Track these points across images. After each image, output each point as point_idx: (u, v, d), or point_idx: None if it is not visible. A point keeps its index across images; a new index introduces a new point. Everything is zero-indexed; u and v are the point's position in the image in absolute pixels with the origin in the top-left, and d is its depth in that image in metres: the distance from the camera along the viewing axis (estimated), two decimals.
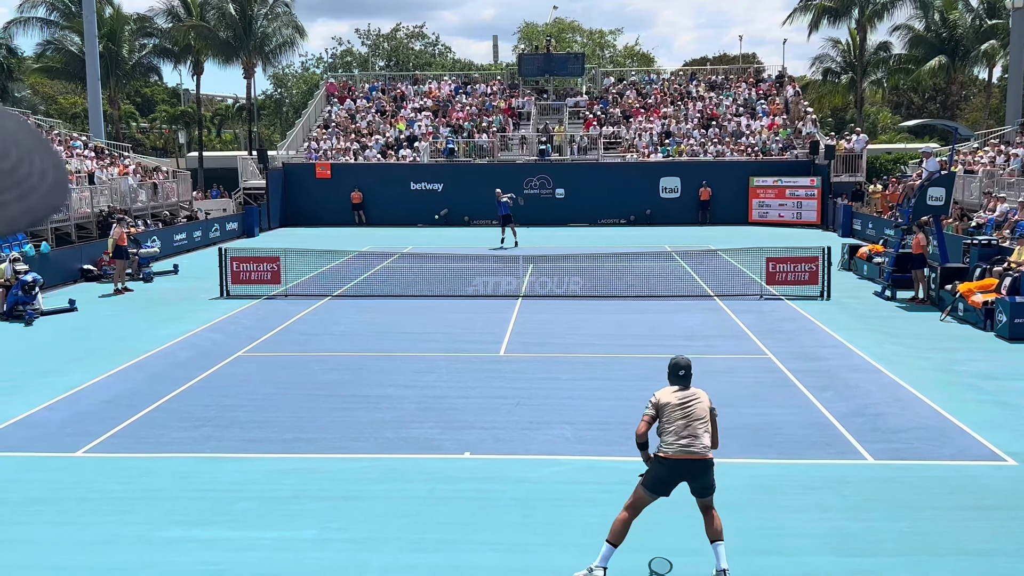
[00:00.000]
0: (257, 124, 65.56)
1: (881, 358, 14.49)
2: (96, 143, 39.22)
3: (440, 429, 11.01)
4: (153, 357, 15.09)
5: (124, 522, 8.31)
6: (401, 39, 76.67)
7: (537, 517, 8.36)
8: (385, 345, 15.91)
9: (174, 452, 10.25)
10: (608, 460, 9.82)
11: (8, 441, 10.72)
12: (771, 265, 21.08)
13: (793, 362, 14.26)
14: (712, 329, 17.10)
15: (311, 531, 8.11)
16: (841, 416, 11.33)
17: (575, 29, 76.86)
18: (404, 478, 9.37)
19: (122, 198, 32.33)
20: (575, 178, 41.20)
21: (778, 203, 39.55)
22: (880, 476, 9.36)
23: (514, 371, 13.97)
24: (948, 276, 18.91)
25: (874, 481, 9.22)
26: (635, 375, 13.63)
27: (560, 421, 11.25)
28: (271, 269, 21.54)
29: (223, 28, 56.04)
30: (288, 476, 9.45)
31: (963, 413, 11.38)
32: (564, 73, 48.96)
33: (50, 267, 22.70)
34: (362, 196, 40.95)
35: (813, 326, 17.32)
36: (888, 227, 27.10)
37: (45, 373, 14.05)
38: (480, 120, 46.02)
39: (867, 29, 52.46)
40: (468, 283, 21.58)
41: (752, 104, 46.39)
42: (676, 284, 21.94)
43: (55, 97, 71.66)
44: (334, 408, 11.90)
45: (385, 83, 51.92)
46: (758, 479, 9.24)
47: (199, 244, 32.57)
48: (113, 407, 12.04)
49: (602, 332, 16.88)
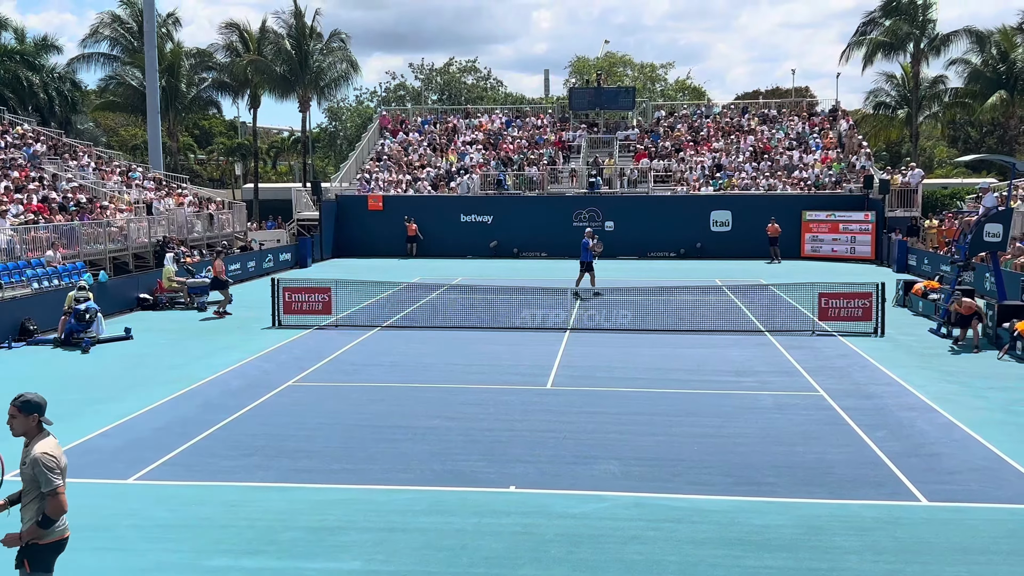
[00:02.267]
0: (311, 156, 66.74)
1: (936, 397, 14.20)
2: (155, 174, 40.25)
3: (486, 462, 11.00)
4: (205, 386, 15.34)
5: (173, 550, 8.41)
6: (454, 73, 77.75)
7: (582, 554, 8.29)
8: (432, 376, 15.97)
9: (223, 480, 10.37)
10: (655, 497, 9.73)
11: None
12: (823, 300, 20.80)
13: (846, 400, 14.04)
14: (763, 365, 16.91)
15: (356, 563, 8.14)
16: (895, 456, 11.11)
17: (627, 63, 77.21)
18: (449, 511, 9.37)
19: (179, 228, 33.05)
20: (625, 211, 41.21)
21: (831, 237, 39.19)
22: (935, 518, 9.16)
23: (561, 404, 13.93)
24: (1006, 314, 18.48)
25: (929, 523, 9.02)
26: (683, 410, 13.52)
27: (607, 456, 11.18)
28: (322, 300, 21.80)
29: (280, 63, 57.33)
30: (335, 507, 9.50)
31: (1021, 454, 11.11)
32: (614, 107, 49.23)
33: (107, 295, 23.23)
34: (417, 228, 41.43)
35: (866, 363, 17.04)
36: (944, 263, 26.60)
37: (99, 400, 14.35)
38: (530, 152, 46.31)
39: (921, 63, 51.89)
40: (516, 315, 21.61)
41: (805, 138, 46.08)
42: (726, 318, 21.75)
43: (116, 129, 73.71)
44: (381, 439, 11.96)
45: (437, 116, 52.57)
46: (809, 519, 9.09)
47: (253, 274, 33.11)
48: (165, 435, 12.24)
49: (650, 366, 16.78)
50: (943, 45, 51.19)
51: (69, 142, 39.76)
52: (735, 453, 11.27)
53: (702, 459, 11.07)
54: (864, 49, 52.58)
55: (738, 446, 11.59)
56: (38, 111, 51.56)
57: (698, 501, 9.58)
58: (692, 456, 11.20)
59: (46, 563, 6.33)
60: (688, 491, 9.89)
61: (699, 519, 9.08)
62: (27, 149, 34.50)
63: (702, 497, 9.70)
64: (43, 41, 56.04)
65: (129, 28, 54.88)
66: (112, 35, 55.42)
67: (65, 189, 31.21)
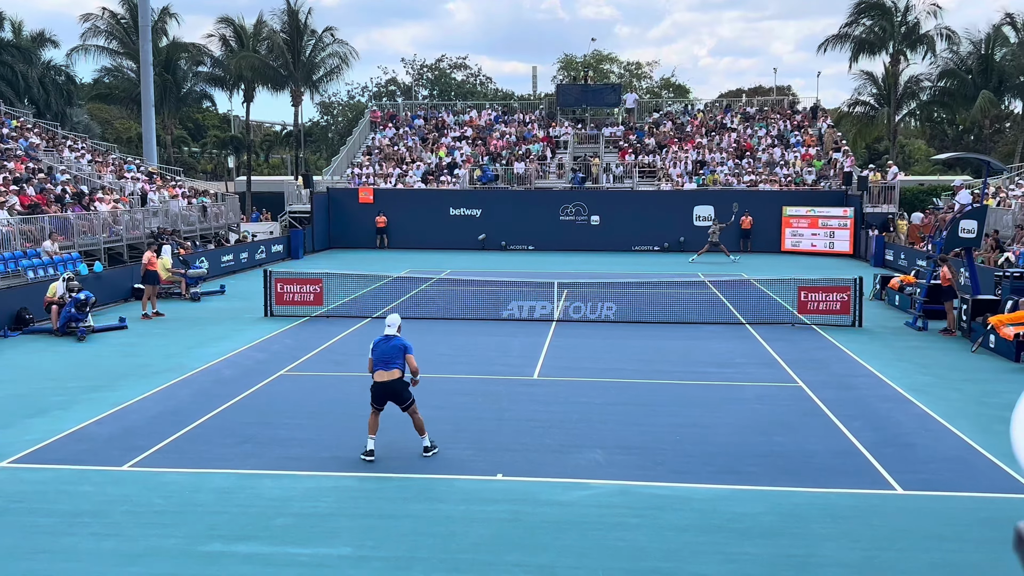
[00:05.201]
0: (304, 150, 66.68)
1: (912, 388, 14.50)
2: (149, 167, 40.28)
3: (474, 450, 11.21)
4: (199, 375, 15.52)
5: (167, 535, 8.57)
6: (444, 69, 77.99)
7: (568, 540, 8.49)
8: (422, 366, 15.90)
9: (217, 468, 10.54)
10: (639, 485, 9.94)
11: (58, 454, 11.11)
12: (803, 294, 21.12)
13: (824, 391, 14.32)
14: (744, 356, 17.18)
15: (347, 548, 8.32)
16: (871, 445, 11.38)
17: (612, 60, 77.54)
18: (438, 498, 9.58)
19: (173, 220, 33.13)
20: (610, 206, 41.51)
21: (811, 232, 39.66)
22: (910, 507, 9.38)
23: (547, 394, 14.15)
24: (979, 308, 18.84)
25: (904, 511, 9.24)
26: (667, 400, 13.78)
27: (592, 444, 11.40)
28: (314, 291, 21.98)
29: (273, 58, 57.32)
30: (326, 494, 9.70)
31: (994, 445, 11.36)
32: (601, 103, 49.59)
33: (102, 286, 23.36)
34: (386, 220, 41.85)
35: (844, 355, 17.34)
36: (920, 258, 27.01)
37: (95, 388, 14.51)
38: (518, 148, 46.52)
39: (899, 62, 52.21)
40: (503, 307, 21.84)
41: (786, 136, 46.53)
42: (708, 311, 22.03)
43: (111, 122, 73.38)
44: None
45: (427, 111, 52.70)
46: (788, 507, 9.31)
47: (245, 265, 33.24)
48: (159, 423, 12.41)
49: (635, 357, 17.02)
50: (919, 44, 51.44)
51: (64, 134, 39.74)
52: (716, 443, 11.51)
53: (685, 448, 11.30)
54: (844, 45, 52.75)
55: (719, 436, 11.83)
56: (34, 103, 51.43)
57: (681, 489, 9.80)
58: (675, 445, 11.42)
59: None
60: (671, 479, 10.11)
61: (681, 507, 9.29)
62: (23, 141, 34.55)
63: (684, 485, 9.91)
64: (40, 35, 55.88)
65: (124, 23, 54.73)
66: (107, 29, 55.25)
67: (61, 181, 31.24)
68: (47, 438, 11.72)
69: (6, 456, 11.03)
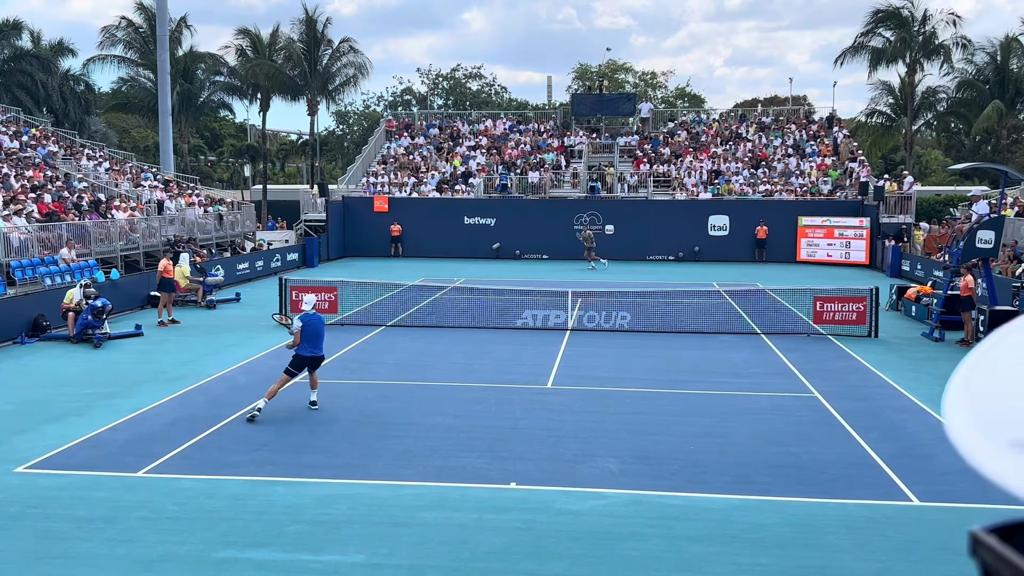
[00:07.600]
0: (319, 159, 67.01)
1: (928, 399, 14.40)
2: (166, 175, 40.57)
3: (488, 459, 11.20)
4: (214, 381, 15.59)
5: (181, 541, 8.60)
6: (459, 79, 78.30)
7: (581, 549, 8.46)
8: (436, 375, 16.21)
9: (231, 474, 10.57)
10: (653, 494, 9.91)
11: (74, 460, 11.17)
12: (819, 304, 21.03)
13: (839, 401, 14.25)
14: (759, 366, 17.12)
15: (360, 556, 8.32)
16: (887, 457, 11.31)
17: (628, 70, 77.60)
18: (451, 506, 9.57)
19: (189, 228, 33.33)
20: (625, 215, 41.46)
21: (826, 243, 39.46)
22: (926, 518, 9.33)
23: (561, 403, 14.13)
24: (997, 319, 18.71)
25: (920, 523, 9.19)
26: (681, 410, 13.73)
27: (606, 454, 11.38)
28: (328, 299, 22.03)
29: (290, 67, 57.66)
30: (339, 501, 9.70)
31: None
32: (616, 113, 49.60)
33: (119, 293, 23.50)
34: (401, 229, 41.92)
35: (860, 366, 17.26)
36: (937, 268, 26.85)
37: (111, 395, 14.59)
38: (533, 157, 46.60)
39: (916, 72, 52.03)
40: (517, 316, 21.84)
41: (801, 145, 46.41)
42: (723, 321, 21.97)
43: (128, 130, 73.95)
44: (385, 435, 12.18)
45: (442, 121, 52.86)
46: (803, 517, 9.27)
47: (261, 273, 33.37)
48: (174, 429, 12.47)
49: (649, 367, 16.99)
50: (936, 54, 51.26)
51: (82, 143, 40.03)
52: (731, 453, 11.47)
53: (699, 458, 11.25)
54: (862, 56, 52.62)
55: (734, 446, 11.78)
56: (52, 112, 51.91)
57: (695, 499, 9.76)
58: (689, 455, 11.38)
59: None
60: (685, 489, 10.07)
61: (695, 517, 9.25)
62: (41, 149, 34.86)
63: (699, 495, 9.88)
64: (58, 44, 56.42)
65: (142, 32, 55.20)
66: (125, 39, 55.71)
67: (78, 189, 31.49)
68: (63, 444, 11.78)
69: (22, 461, 11.10)
